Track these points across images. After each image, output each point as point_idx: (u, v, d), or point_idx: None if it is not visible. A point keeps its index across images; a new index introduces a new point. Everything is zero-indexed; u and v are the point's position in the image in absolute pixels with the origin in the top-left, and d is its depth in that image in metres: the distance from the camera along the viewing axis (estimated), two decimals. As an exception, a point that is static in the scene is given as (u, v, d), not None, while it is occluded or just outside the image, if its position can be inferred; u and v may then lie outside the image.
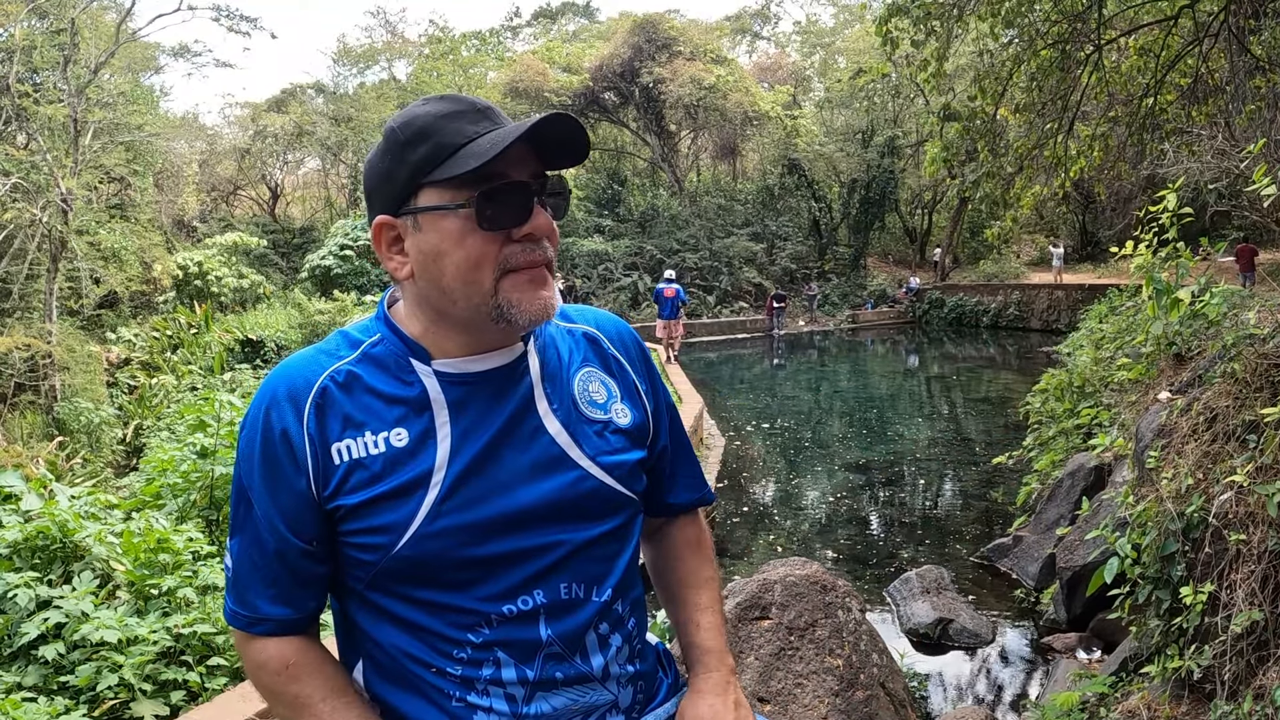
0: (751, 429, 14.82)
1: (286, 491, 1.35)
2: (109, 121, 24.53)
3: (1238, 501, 3.67)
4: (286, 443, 1.34)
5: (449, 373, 1.38)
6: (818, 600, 4.30)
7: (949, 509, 9.83)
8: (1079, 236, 38.24)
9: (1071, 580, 5.77)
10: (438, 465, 1.34)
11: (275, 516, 1.36)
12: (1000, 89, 9.71)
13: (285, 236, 39.82)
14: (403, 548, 1.32)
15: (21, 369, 18.72)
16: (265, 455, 1.36)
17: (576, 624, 1.41)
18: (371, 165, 1.37)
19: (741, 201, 41.34)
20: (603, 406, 1.49)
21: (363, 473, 1.33)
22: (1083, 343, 12.84)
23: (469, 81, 42.93)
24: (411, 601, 1.36)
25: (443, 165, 1.28)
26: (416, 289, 1.37)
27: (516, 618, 1.37)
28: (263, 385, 1.40)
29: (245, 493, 1.39)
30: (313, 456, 1.34)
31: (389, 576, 1.35)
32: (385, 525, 1.33)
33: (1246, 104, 8.38)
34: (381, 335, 1.41)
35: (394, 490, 1.33)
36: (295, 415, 1.35)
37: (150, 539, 4.36)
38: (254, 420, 1.38)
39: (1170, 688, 3.80)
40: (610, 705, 1.47)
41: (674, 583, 1.71)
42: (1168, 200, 5.90)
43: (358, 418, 1.35)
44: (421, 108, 1.34)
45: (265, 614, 1.40)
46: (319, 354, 1.41)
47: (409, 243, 1.34)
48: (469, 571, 1.35)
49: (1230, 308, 6.03)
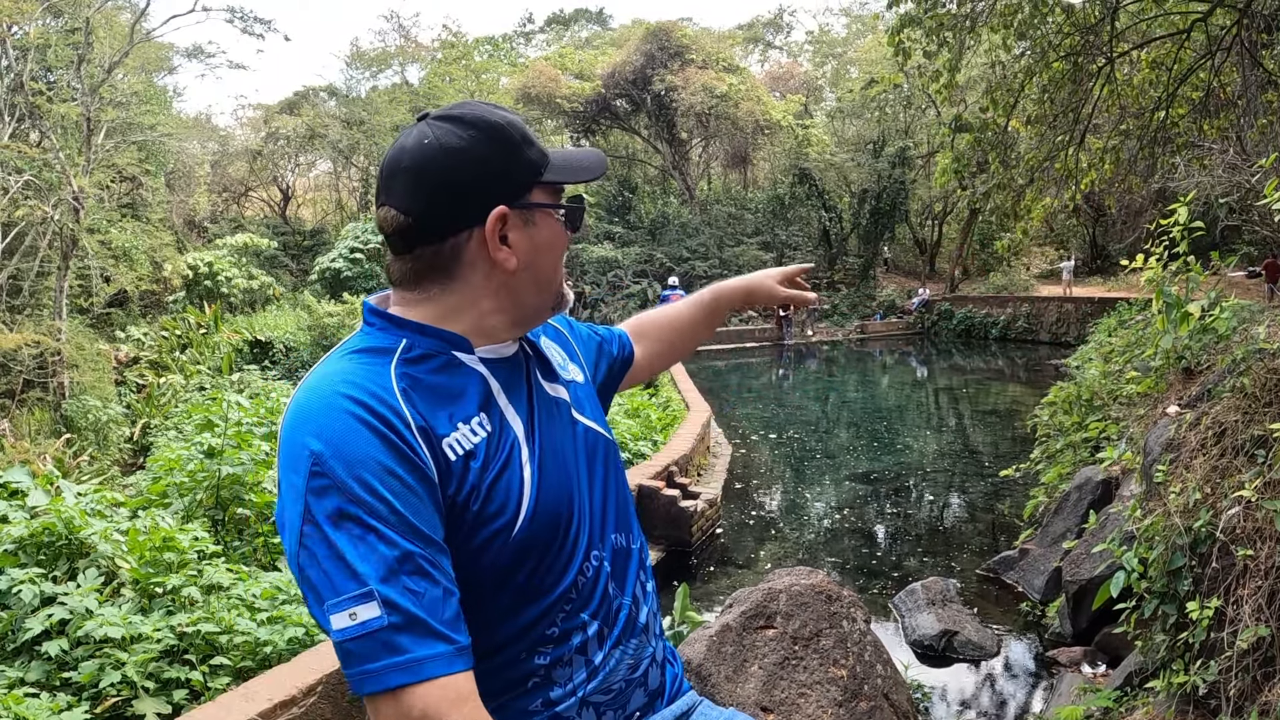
0: (758, 438, 14.80)
1: (419, 497, 1.21)
2: (122, 121, 24.68)
3: (1245, 516, 3.66)
4: (403, 445, 1.22)
5: (492, 359, 1.41)
6: (823, 610, 4.29)
7: (955, 521, 9.80)
8: (1089, 249, 38.13)
9: (1077, 594, 5.75)
10: (522, 443, 1.37)
11: (421, 526, 1.20)
12: (1012, 101, 9.71)
13: (295, 238, 39.99)
14: (520, 526, 1.31)
15: (30, 366, 18.80)
16: (383, 464, 1.19)
17: (629, 573, 1.51)
18: (469, 156, 1.33)
19: (752, 210, 41.33)
20: (565, 368, 1.60)
21: (475, 463, 1.29)
22: (1091, 356, 12.79)
23: (481, 87, 43.03)
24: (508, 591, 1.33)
25: (549, 170, 1.40)
26: (509, 281, 1.39)
27: (593, 578, 1.42)
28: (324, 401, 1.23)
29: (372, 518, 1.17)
30: (431, 456, 1.25)
31: (499, 567, 1.31)
32: (501, 509, 1.30)
33: (1258, 118, 8.36)
34: (409, 339, 1.35)
35: (501, 473, 1.31)
36: (397, 417, 1.23)
37: (156, 537, 4.37)
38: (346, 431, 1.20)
39: (1175, 703, 3.78)
40: (651, 659, 1.52)
41: (660, 322, 2.07)
42: (1179, 214, 5.88)
43: (445, 412, 1.30)
44: (504, 112, 1.40)
45: (460, 642, 1.19)
46: (360, 367, 1.30)
47: (517, 235, 1.38)
48: (558, 541, 1.37)
49: (1240, 322, 6.00)
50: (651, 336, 2.03)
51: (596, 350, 1.84)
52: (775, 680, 4.02)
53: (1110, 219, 32.04)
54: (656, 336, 2.04)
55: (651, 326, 2.05)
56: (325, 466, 1.17)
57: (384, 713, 1.14)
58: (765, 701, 3.93)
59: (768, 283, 2.08)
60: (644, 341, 2.00)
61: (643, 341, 2.00)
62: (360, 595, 1.14)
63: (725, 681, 3.97)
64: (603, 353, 1.86)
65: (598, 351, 1.84)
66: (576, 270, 33.40)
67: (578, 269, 33.46)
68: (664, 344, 2.05)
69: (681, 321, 2.08)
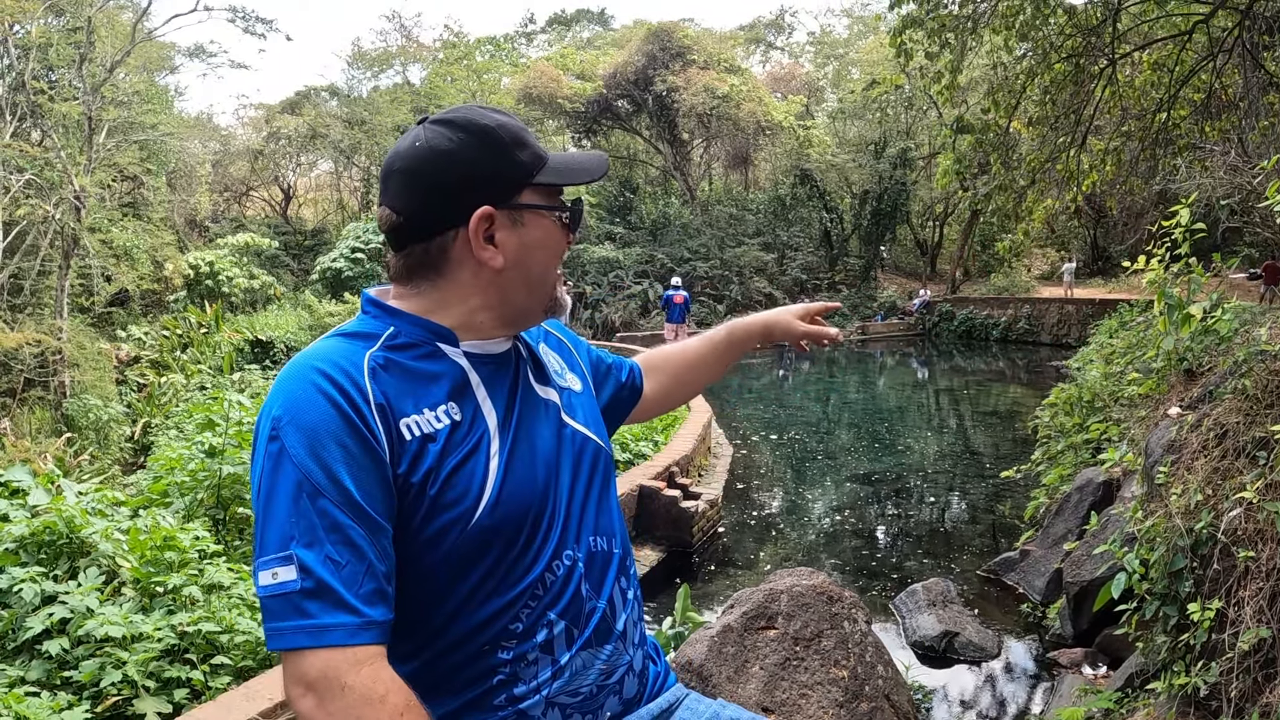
0: (759, 438, 14.79)
1: (365, 470, 1.25)
2: (123, 120, 24.68)
3: (1247, 518, 3.65)
4: (356, 418, 1.26)
5: (477, 353, 1.45)
6: (824, 611, 4.29)
7: (956, 522, 9.80)
8: (1090, 251, 38.13)
9: (1078, 595, 5.74)
10: (492, 435, 1.39)
11: (360, 499, 1.24)
12: (1014, 102, 9.71)
13: (297, 238, 40.00)
14: (480, 515, 1.33)
15: (31, 365, 18.80)
16: (333, 434, 1.25)
17: (606, 578, 1.50)
18: (456, 158, 1.39)
19: (753, 211, 41.32)
20: (561, 375, 1.62)
21: (434, 446, 1.32)
22: (1093, 357, 12.78)
23: (483, 87, 43.05)
24: (470, 581, 1.35)
25: (543, 172, 1.43)
26: (497, 279, 1.43)
27: (563, 577, 1.42)
28: (295, 373, 1.30)
29: (311, 484, 1.22)
30: (385, 433, 1.29)
31: (459, 555, 1.33)
32: (460, 497, 1.32)
33: (1260, 120, 8.36)
34: (396, 327, 1.41)
35: (463, 461, 1.34)
36: (358, 392, 1.28)
37: (157, 536, 4.37)
38: (305, 401, 1.26)
39: (1176, 704, 3.77)
40: (627, 667, 1.52)
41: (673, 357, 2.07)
42: (1180, 215, 5.88)
43: (413, 395, 1.34)
44: (499, 115, 1.44)
45: (370, 616, 1.22)
46: (340, 345, 1.36)
47: (505, 235, 1.41)
48: (524, 535, 1.38)
49: (1242, 324, 6.00)
50: (662, 370, 2.04)
51: (604, 372, 1.87)
52: (776, 681, 4.02)
53: (1111, 220, 32.03)
54: (668, 371, 2.05)
55: (663, 361, 2.06)
56: (281, 431, 1.25)
57: (286, 670, 1.21)
58: (766, 702, 3.93)
59: (786, 318, 2.07)
60: (655, 375, 2.02)
61: (653, 375, 2.01)
62: (282, 557, 1.20)
63: (726, 682, 3.98)
64: (609, 376, 1.88)
65: (605, 374, 1.87)
66: (577, 271, 33.39)
67: (578, 269, 33.45)
68: (675, 380, 2.05)
69: (694, 358, 2.07)
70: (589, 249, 34.35)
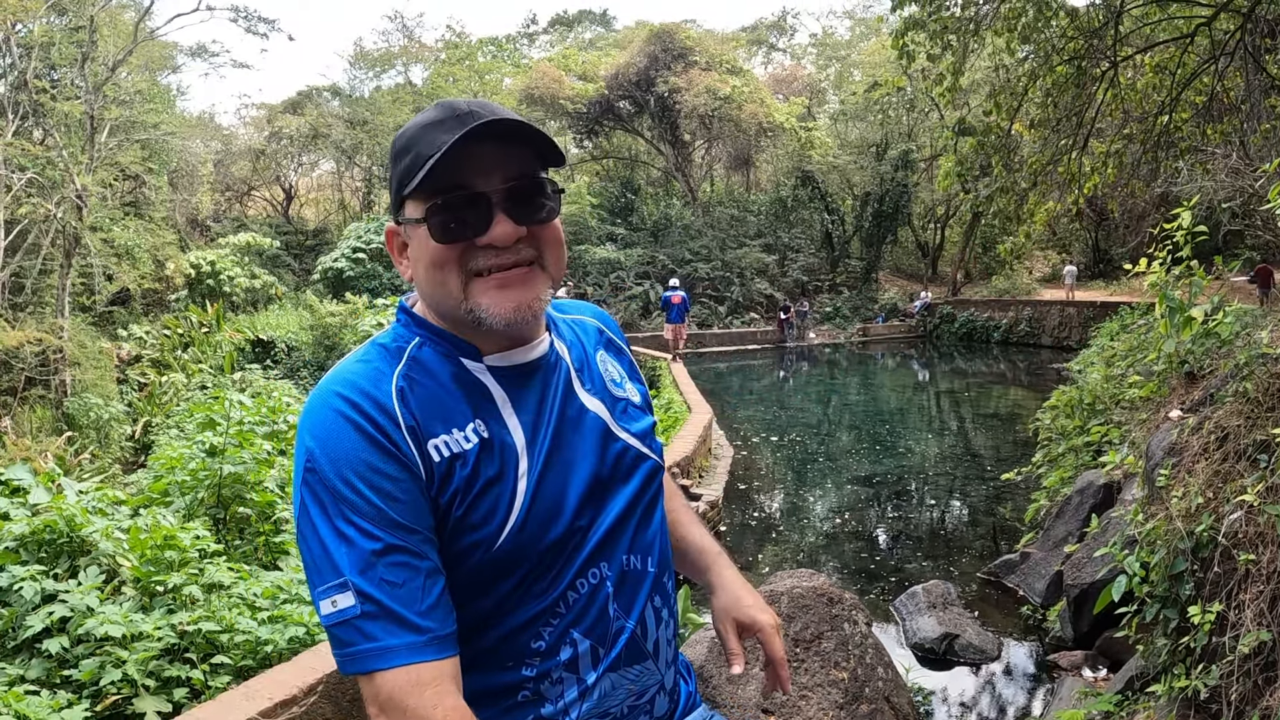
0: (760, 440, 14.80)
1: (403, 489, 1.25)
2: (125, 119, 24.69)
3: (1247, 521, 3.65)
4: (388, 444, 1.26)
5: (501, 366, 1.40)
6: (824, 613, 4.28)
7: (957, 524, 9.80)
8: (1091, 253, 38.11)
9: (1079, 598, 5.74)
10: (520, 453, 1.35)
11: (402, 518, 1.24)
12: (1015, 104, 9.71)
13: (298, 238, 40.03)
14: (505, 539, 1.30)
15: (32, 363, 18.81)
16: (366, 460, 1.24)
17: (638, 597, 1.44)
18: (390, 175, 1.40)
19: (754, 212, 41.32)
20: (620, 385, 1.56)
21: (462, 468, 1.30)
22: (1094, 360, 12.76)
23: (485, 88, 43.08)
24: (491, 599, 1.33)
25: (414, 177, 1.29)
26: (420, 289, 1.42)
27: (589, 594, 1.38)
28: (323, 401, 1.29)
29: (353, 510, 1.23)
30: (418, 453, 1.28)
31: (481, 574, 1.32)
32: (485, 519, 1.30)
33: (1262, 123, 8.35)
34: (421, 338, 1.39)
35: (490, 483, 1.31)
36: (386, 417, 1.27)
37: (157, 536, 4.36)
38: (335, 430, 1.26)
39: (1177, 707, 3.77)
40: (658, 686, 1.49)
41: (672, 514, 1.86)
42: (1182, 218, 5.88)
43: (441, 416, 1.33)
44: (415, 117, 1.37)
45: (432, 631, 1.23)
46: (367, 364, 1.35)
47: (410, 247, 1.38)
48: (550, 555, 1.35)
49: (1243, 327, 5.99)
50: None
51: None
52: (776, 682, 4.01)
53: (1113, 223, 32.01)
54: None
55: None
56: (315, 463, 1.25)
57: (363, 691, 1.23)
58: (766, 704, 3.93)
59: (732, 614, 1.67)
60: None
61: None
62: (339, 585, 1.21)
63: (726, 683, 3.97)
64: None
65: None
66: (578, 272, 33.39)
67: (579, 270, 33.44)
68: None
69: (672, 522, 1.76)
70: (590, 249, 34.36)
